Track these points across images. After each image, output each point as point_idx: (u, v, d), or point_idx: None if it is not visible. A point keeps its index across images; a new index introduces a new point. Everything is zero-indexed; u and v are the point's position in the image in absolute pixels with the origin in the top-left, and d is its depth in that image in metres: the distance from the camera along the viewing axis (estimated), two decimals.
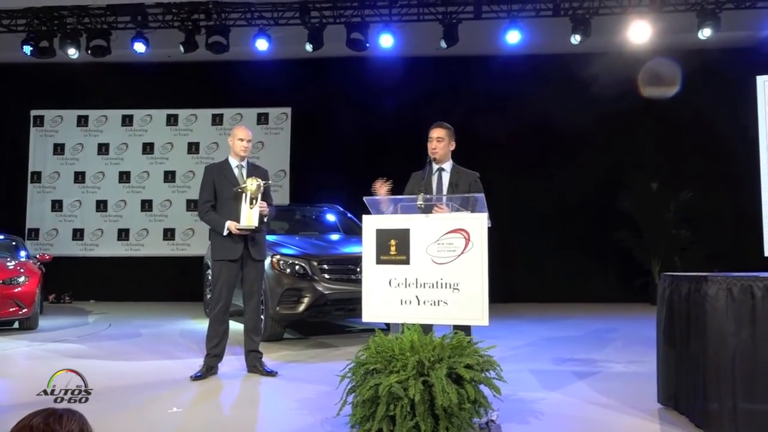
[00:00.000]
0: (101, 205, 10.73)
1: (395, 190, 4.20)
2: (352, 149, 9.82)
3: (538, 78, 9.68)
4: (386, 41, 8.42)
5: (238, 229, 4.51)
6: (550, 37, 8.73)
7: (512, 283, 9.05)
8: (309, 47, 8.52)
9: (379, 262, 3.57)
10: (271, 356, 5.23)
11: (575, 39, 8.19)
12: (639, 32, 8.18)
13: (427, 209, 3.61)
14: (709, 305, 3.17)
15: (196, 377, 4.54)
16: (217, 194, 4.68)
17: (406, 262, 3.52)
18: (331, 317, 6.69)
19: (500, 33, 8.37)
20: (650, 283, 9.01)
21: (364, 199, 3.70)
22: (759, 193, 8.89)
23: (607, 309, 8.86)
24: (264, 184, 4.58)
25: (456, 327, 3.56)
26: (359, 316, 3.66)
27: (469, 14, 8.42)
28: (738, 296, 3.17)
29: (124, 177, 10.77)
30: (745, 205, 8.81)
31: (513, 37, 8.29)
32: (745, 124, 8.73)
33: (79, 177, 10.78)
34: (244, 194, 4.51)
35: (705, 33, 8.04)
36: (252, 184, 4.49)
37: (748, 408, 3.14)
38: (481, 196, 3.60)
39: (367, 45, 8.48)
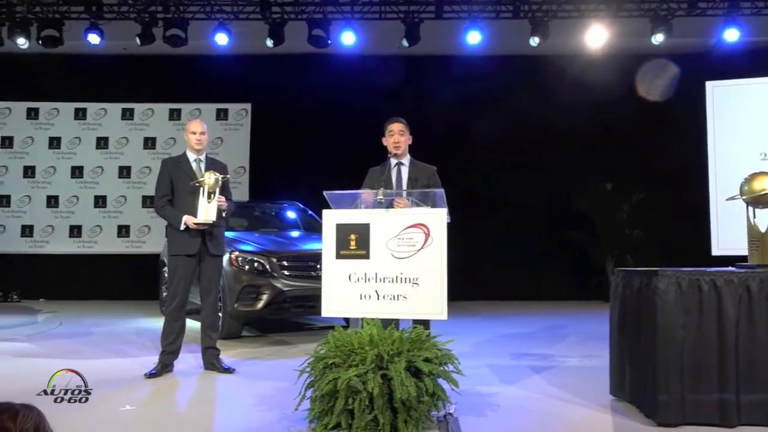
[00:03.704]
0: (52, 201, 10.38)
1: (353, 186, 4.19)
2: (312, 146, 9.76)
3: (498, 79, 9.81)
4: (348, 39, 8.40)
5: (196, 224, 4.44)
6: (510, 39, 8.86)
7: (470, 281, 9.14)
8: (270, 43, 8.42)
9: (338, 256, 3.56)
10: (228, 354, 5.16)
11: (534, 41, 8.32)
12: (596, 36, 8.39)
13: (388, 204, 3.62)
14: (659, 299, 3.28)
15: (151, 375, 4.44)
16: (174, 188, 4.59)
17: (366, 256, 3.52)
18: (290, 314, 6.64)
19: (461, 33, 8.45)
20: (604, 282, 9.24)
21: (325, 193, 3.69)
22: (707, 194, 9.21)
23: (562, 306, 9.07)
24: (222, 178, 4.52)
25: (415, 321, 3.58)
26: (319, 313, 3.65)
27: (431, 14, 8.47)
28: (686, 290, 3.28)
29: (77, 172, 10.44)
30: (694, 206, 9.09)
31: (473, 37, 8.37)
32: (695, 128, 9.02)
33: (29, 171, 10.41)
34: (201, 188, 4.44)
35: (658, 38, 8.29)
36: (210, 178, 4.43)
37: (695, 398, 3.26)
38: (441, 191, 3.64)
39: (329, 42, 8.44)
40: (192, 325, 5.24)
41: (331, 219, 3.59)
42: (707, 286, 3.27)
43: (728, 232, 8.54)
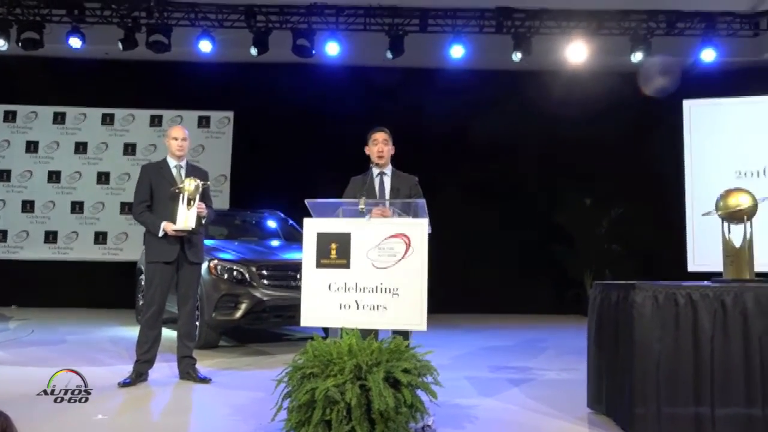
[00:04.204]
0: (27, 206, 10.20)
1: (335, 195, 4.18)
2: (294, 156, 9.73)
3: (481, 93, 9.88)
4: (332, 49, 8.44)
5: (174, 231, 4.39)
6: (493, 54, 8.96)
7: (449, 294, 9.14)
8: (254, 51, 8.42)
9: (319, 265, 3.54)
10: (205, 363, 5.08)
11: (516, 56, 8.43)
12: (576, 52, 8.53)
13: (368, 213, 3.61)
14: (636, 312, 3.31)
15: (125, 384, 4.36)
16: (153, 194, 4.54)
17: (347, 266, 3.50)
18: (268, 324, 6.58)
19: (445, 47, 8.53)
20: (582, 295, 9.32)
21: (306, 202, 3.67)
22: (684, 211, 9.36)
23: (540, 320, 9.11)
24: (202, 184, 4.48)
25: (395, 332, 3.56)
26: (298, 323, 3.61)
27: (415, 27, 8.54)
28: (663, 303, 3.32)
29: (54, 177, 10.28)
30: (670, 223, 9.23)
31: (457, 51, 8.46)
32: (673, 145, 9.18)
33: (4, 175, 10.22)
34: (181, 194, 4.39)
35: (637, 56, 8.46)
36: (190, 185, 4.39)
37: (671, 411, 3.28)
38: (422, 201, 3.64)
39: (313, 52, 8.46)
40: (168, 334, 5.16)
41: (312, 228, 3.56)
42: (683, 300, 3.31)
43: (704, 248, 8.67)
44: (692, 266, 8.82)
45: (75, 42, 8.32)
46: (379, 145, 4.11)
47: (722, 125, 8.92)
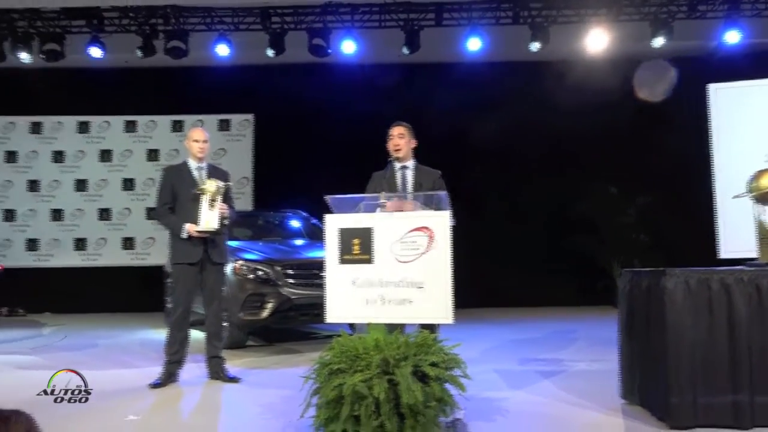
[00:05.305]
0: (57, 214, 10.39)
1: (357, 193, 4.16)
2: (315, 155, 9.75)
3: (499, 85, 9.79)
4: (348, 47, 8.42)
5: (198, 232, 4.42)
6: (510, 45, 8.86)
7: (476, 289, 9.05)
8: (270, 53, 8.44)
9: (342, 261, 3.52)
10: (233, 363, 5.11)
11: (534, 46, 8.32)
12: (596, 40, 8.38)
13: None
14: (667, 298, 3.23)
15: (155, 385, 4.41)
16: (176, 197, 4.58)
17: (370, 261, 3.48)
18: (295, 323, 6.59)
19: (461, 40, 8.46)
20: (611, 286, 9.16)
21: (327, 198, 3.66)
22: (712, 197, 9.16)
23: (569, 312, 9.00)
24: (224, 185, 4.50)
25: (422, 326, 3.54)
26: (323, 321, 3.59)
27: (431, 21, 8.47)
28: (695, 289, 3.23)
29: (81, 185, 10.46)
30: (699, 210, 9.04)
31: (474, 44, 8.38)
32: (698, 130, 8.98)
33: (33, 185, 10.43)
34: (203, 196, 4.42)
35: (658, 42, 8.28)
36: (211, 186, 4.42)
37: (707, 400, 3.20)
38: (445, 193, 3.61)
39: (329, 51, 8.45)
40: (197, 335, 5.21)
41: (334, 224, 3.55)
42: (717, 285, 3.22)
43: (735, 234, 8.48)
44: (724, 253, 8.62)
45: (95, 52, 8.44)
46: (395, 140, 4.09)
47: (749, 108, 8.70)
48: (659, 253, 9.10)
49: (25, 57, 8.38)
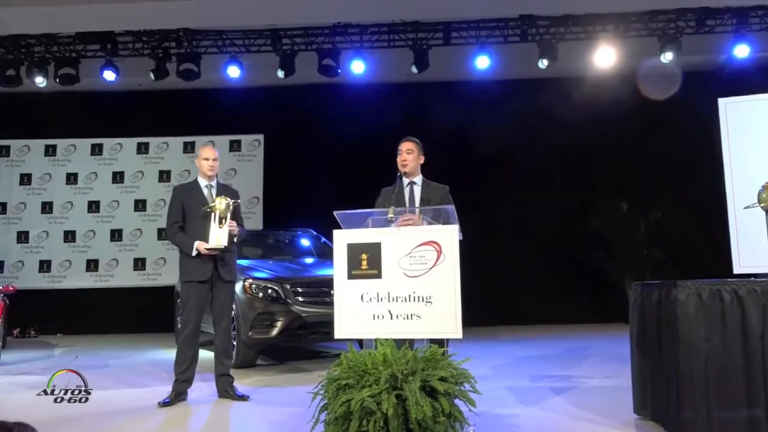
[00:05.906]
0: (69, 236, 10.50)
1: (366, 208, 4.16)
2: (324, 174, 9.80)
3: (508, 103, 9.83)
4: (358, 67, 8.50)
5: (207, 249, 4.44)
6: (519, 63, 8.91)
7: (486, 306, 9.03)
8: (281, 74, 8.54)
9: (350, 277, 3.51)
10: (243, 382, 5.10)
11: (542, 63, 8.35)
12: (604, 57, 8.40)
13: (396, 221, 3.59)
14: (679, 310, 3.19)
15: (164, 404, 4.40)
16: (185, 215, 4.61)
17: (378, 276, 3.47)
18: (305, 341, 6.58)
19: (470, 58, 8.51)
20: (624, 303, 9.05)
21: (335, 213, 3.67)
22: (725, 212, 9.07)
23: (581, 329, 8.90)
24: (233, 203, 4.53)
25: (431, 341, 3.51)
26: (334, 339, 3.58)
27: (439, 40, 8.55)
28: (707, 301, 3.19)
29: (93, 206, 10.57)
30: (711, 225, 8.95)
31: (482, 62, 8.43)
32: (710, 145, 8.92)
33: (47, 207, 10.56)
34: (212, 214, 4.45)
35: (667, 57, 8.28)
36: (221, 203, 4.44)
37: (722, 414, 3.13)
38: (452, 207, 3.60)
39: (339, 71, 8.54)
40: (206, 354, 5.20)
41: (342, 239, 3.55)
42: (729, 297, 3.18)
43: (750, 249, 8.37)
44: (738, 268, 8.48)
45: (109, 75, 8.58)
46: (403, 155, 4.10)
47: (762, 122, 8.63)
48: (672, 268, 9.00)
49: (40, 81, 8.54)
